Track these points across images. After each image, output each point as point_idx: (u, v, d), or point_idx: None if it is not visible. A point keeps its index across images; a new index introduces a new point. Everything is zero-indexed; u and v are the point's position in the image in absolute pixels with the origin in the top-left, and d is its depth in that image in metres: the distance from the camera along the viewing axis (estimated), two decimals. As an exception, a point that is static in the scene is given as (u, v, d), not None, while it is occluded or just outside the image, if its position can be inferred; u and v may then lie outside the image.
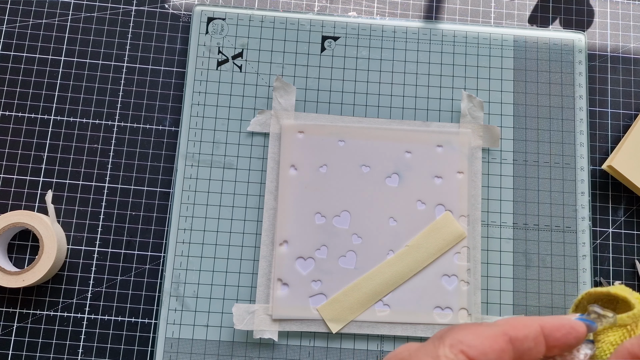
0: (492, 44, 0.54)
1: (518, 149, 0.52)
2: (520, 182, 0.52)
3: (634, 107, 0.54)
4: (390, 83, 0.53)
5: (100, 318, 0.49)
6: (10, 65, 0.53)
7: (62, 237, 0.49)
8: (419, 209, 0.50)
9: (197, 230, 0.50)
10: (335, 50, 0.53)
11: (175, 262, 0.49)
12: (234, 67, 0.53)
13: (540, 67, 0.54)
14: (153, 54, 0.53)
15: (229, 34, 0.53)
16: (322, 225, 0.50)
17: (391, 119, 0.52)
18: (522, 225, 0.51)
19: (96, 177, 0.51)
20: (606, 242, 0.52)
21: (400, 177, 0.51)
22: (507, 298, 0.49)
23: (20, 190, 0.51)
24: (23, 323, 0.49)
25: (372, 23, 0.54)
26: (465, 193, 0.50)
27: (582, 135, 0.53)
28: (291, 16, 0.54)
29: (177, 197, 0.50)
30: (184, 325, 0.48)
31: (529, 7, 0.56)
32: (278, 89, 0.52)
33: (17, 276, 0.47)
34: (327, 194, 0.50)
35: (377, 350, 0.48)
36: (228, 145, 0.51)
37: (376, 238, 0.49)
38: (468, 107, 0.52)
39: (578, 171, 0.52)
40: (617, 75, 0.55)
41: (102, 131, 0.52)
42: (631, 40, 0.56)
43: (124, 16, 0.54)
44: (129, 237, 0.50)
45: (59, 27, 0.54)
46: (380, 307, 0.48)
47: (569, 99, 0.53)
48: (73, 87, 0.53)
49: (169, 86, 0.53)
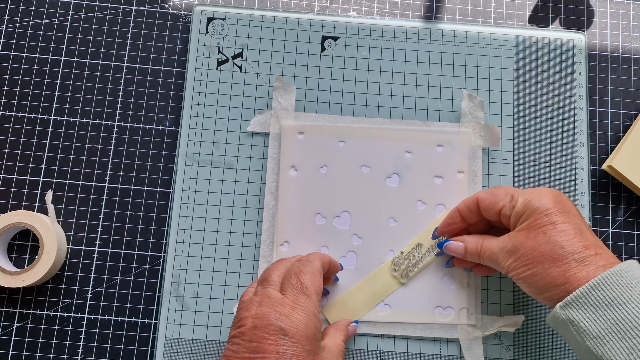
0: (492, 44, 0.54)
1: (518, 149, 0.52)
2: (520, 182, 0.52)
3: (634, 107, 0.55)
4: (390, 83, 0.53)
5: (100, 318, 0.49)
6: (10, 65, 0.53)
7: (62, 237, 0.49)
8: (420, 209, 0.50)
9: (197, 230, 0.50)
10: (335, 50, 0.53)
11: (175, 262, 0.49)
12: (234, 67, 0.53)
13: (540, 67, 0.54)
14: (153, 54, 0.53)
15: (229, 34, 0.53)
16: (323, 226, 0.50)
17: (391, 119, 0.52)
18: (522, 225, 0.51)
19: (96, 177, 0.51)
20: (606, 242, 0.52)
21: (401, 177, 0.51)
22: (507, 298, 0.49)
23: (20, 190, 0.51)
24: (23, 323, 0.49)
25: (372, 23, 0.54)
26: (466, 193, 0.50)
27: (582, 135, 0.53)
28: (291, 16, 0.54)
29: (177, 197, 0.50)
30: (184, 325, 0.48)
31: (529, 7, 0.56)
32: (278, 89, 0.52)
33: (17, 276, 0.47)
34: (327, 195, 0.50)
35: (377, 350, 0.48)
36: (228, 145, 0.51)
37: (376, 238, 0.49)
38: (469, 107, 0.52)
39: (578, 171, 0.52)
40: (617, 75, 0.55)
41: (102, 131, 0.52)
42: (631, 40, 0.56)
43: (124, 16, 0.54)
44: (129, 237, 0.50)
45: (59, 27, 0.53)
46: (380, 307, 0.48)
47: (569, 99, 0.53)
48: (73, 87, 0.53)
49: (169, 86, 0.53)
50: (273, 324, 0.38)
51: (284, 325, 0.38)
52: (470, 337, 0.48)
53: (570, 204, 0.43)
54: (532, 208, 0.42)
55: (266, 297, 0.40)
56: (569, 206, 0.42)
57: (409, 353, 0.48)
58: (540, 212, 0.41)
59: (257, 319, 0.39)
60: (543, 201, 0.42)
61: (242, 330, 0.39)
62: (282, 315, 0.39)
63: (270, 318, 0.39)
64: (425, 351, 0.48)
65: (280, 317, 0.39)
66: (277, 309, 0.39)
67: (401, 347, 0.48)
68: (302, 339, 0.38)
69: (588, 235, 0.41)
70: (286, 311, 0.39)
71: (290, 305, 0.40)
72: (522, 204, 0.42)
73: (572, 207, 0.42)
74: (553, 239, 0.40)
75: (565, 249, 0.40)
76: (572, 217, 0.41)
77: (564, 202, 0.42)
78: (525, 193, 0.43)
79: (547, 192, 0.43)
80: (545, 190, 0.43)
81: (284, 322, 0.38)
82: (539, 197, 0.42)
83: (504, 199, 0.43)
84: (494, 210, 0.44)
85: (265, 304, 0.39)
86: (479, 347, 0.48)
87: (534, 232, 0.41)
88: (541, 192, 0.43)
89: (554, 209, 0.41)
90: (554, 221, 0.41)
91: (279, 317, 0.39)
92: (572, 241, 0.40)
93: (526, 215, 0.42)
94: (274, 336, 0.38)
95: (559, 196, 0.43)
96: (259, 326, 0.38)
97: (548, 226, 0.41)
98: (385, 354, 0.48)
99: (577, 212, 0.42)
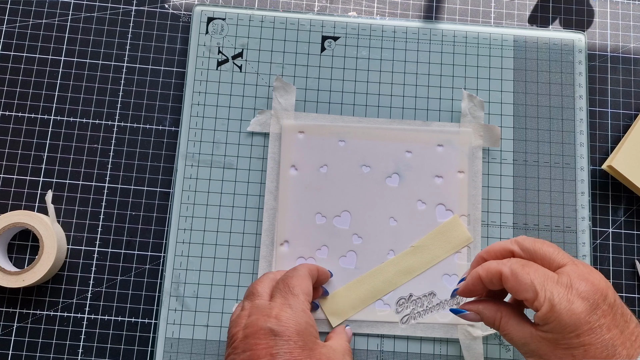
0: (492, 44, 0.54)
1: (518, 149, 0.52)
2: (520, 182, 0.52)
3: (634, 107, 0.55)
4: (390, 83, 0.53)
5: (100, 318, 0.49)
6: (10, 65, 0.53)
7: (62, 237, 0.49)
8: (420, 208, 0.50)
9: (197, 230, 0.50)
10: (335, 50, 0.53)
11: (175, 262, 0.49)
12: (234, 67, 0.53)
13: (540, 67, 0.54)
14: (153, 54, 0.53)
15: (229, 34, 0.53)
16: (323, 226, 0.50)
17: (391, 118, 0.52)
18: (522, 225, 0.51)
19: (96, 177, 0.51)
20: (606, 242, 0.52)
21: (401, 177, 0.51)
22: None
23: (20, 190, 0.51)
24: (23, 323, 0.49)
25: (372, 23, 0.54)
26: (466, 193, 0.50)
27: (582, 135, 0.53)
28: (291, 16, 0.54)
29: (177, 197, 0.50)
30: (184, 325, 0.48)
31: (529, 7, 0.56)
32: (278, 89, 0.52)
33: (17, 276, 0.47)
34: (327, 194, 0.50)
35: (377, 350, 0.48)
36: (228, 145, 0.51)
37: (376, 238, 0.49)
38: (469, 107, 0.52)
39: (578, 171, 0.52)
40: (617, 75, 0.55)
41: (102, 131, 0.52)
42: (631, 40, 0.56)
43: (124, 16, 0.54)
44: (129, 237, 0.50)
45: (59, 27, 0.53)
46: (380, 306, 0.48)
47: (569, 99, 0.53)
48: (73, 87, 0.53)
49: (169, 86, 0.53)
50: (262, 328, 0.38)
51: (273, 326, 0.38)
52: (470, 337, 0.48)
53: (611, 304, 0.35)
54: (561, 324, 0.35)
55: (254, 308, 0.40)
56: (606, 312, 0.35)
57: (409, 353, 0.48)
58: (569, 332, 0.35)
59: (246, 328, 0.39)
60: (575, 314, 0.35)
61: (234, 345, 0.39)
62: (271, 318, 0.38)
63: (259, 323, 0.38)
64: (425, 351, 0.48)
65: (268, 320, 0.38)
66: (265, 313, 0.39)
67: (401, 347, 0.48)
68: (294, 335, 0.38)
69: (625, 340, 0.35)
70: (275, 312, 0.39)
71: (278, 306, 0.39)
72: (547, 310, 0.35)
73: (608, 313, 0.35)
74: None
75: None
76: (606, 329, 0.35)
77: (598, 307, 0.35)
78: (555, 290, 0.35)
79: (583, 294, 0.35)
80: (583, 287, 0.35)
81: (273, 323, 0.38)
82: (570, 304, 0.35)
83: (526, 293, 0.36)
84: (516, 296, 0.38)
85: (253, 314, 0.39)
86: (479, 347, 0.48)
87: (561, 352, 0.35)
88: (574, 293, 0.35)
89: (586, 327, 0.35)
90: (585, 344, 0.35)
91: (268, 320, 0.38)
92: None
93: (552, 327, 0.35)
94: (265, 339, 0.37)
95: (597, 298, 0.35)
96: (250, 334, 0.38)
97: (578, 349, 0.35)
98: (385, 354, 0.48)
99: (618, 312, 0.36)
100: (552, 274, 0.37)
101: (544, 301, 0.35)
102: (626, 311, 0.37)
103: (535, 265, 0.38)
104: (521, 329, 0.38)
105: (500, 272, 0.38)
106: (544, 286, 0.36)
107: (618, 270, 0.51)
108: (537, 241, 0.39)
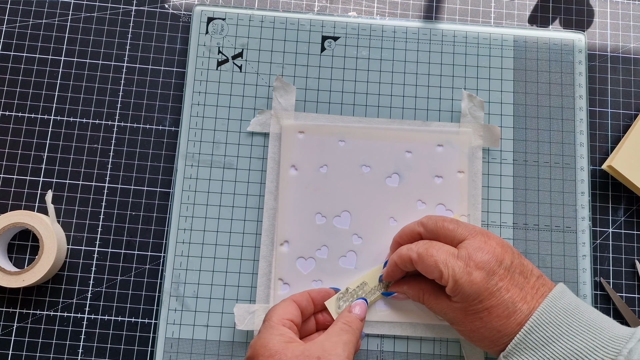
0: (492, 44, 0.54)
1: (518, 149, 0.52)
2: (520, 182, 0.52)
3: (634, 107, 0.55)
4: (390, 83, 0.53)
5: (100, 318, 0.49)
6: (10, 65, 0.53)
7: (62, 237, 0.49)
8: (420, 208, 0.50)
9: (197, 230, 0.50)
10: (335, 50, 0.53)
11: (175, 262, 0.49)
12: (234, 67, 0.53)
13: (540, 67, 0.54)
14: (153, 54, 0.53)
15: (229, 34, 0.53)
16: (323, 226, 0.50)
17: (391, 118, 0.52)
18: (522, 225, 0.51)
19: (96, 177, 0.51)
20: (606, 242, 0.52)
21: (401, 177, 0.51)
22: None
23: (20, 190, 0.51)
24: (23, 323, 0.49)
25: (372, 23, 0.54)
26: (466, 193, 0.50)
27: (582, 135, 0.53)
28: (291, 16, 0.54)
29: (177, 197, 0.50)
30: (184, 325, 0.48)
31: (529, 7, 0.56)
32: (278, 89, 0.52)
33: (17, 276, 0.47)
34: (327, 194, 0.50)
35: (377, 350, 0.48)
36: (228, 145, 0.51)
37: (377, 238, 0.49)
38: (469, 107, 0.52)
39: (578, 171, 0.52)
40: (617, 75, 0.55)
41: (102, 131, 0.52)
42: (631, 40, 0.56)
43: (124, 16, 0.54)
44: (129, 237, 0.50)
45: (59, 27, 0.54)
46: (380, 306, 0.48)
47: (569, 99, 0.53)
48: (73, 87, 0.53)
49: (169, 86, 0.53)
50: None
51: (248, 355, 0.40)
52: (470, 337, 0.48)
53: (507, 267, 0.40)
54: (465, 294, 0.40)
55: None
56: (502, 276, 0.40)
57: (409, 353, 0.48)
58: (473, 300, 0.40)
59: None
60: (475, 284, 0.39)
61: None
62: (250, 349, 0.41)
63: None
64: (425, 351, 0.48)
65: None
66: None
67: (401, 347, 0.48)
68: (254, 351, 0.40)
69: (525, 295, 0.40)
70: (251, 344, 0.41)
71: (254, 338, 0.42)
72: (452, 285, 0.40)
73: (505, 276, 0.40)
74: (489, 324, 0.40)
75: (502, 332, 0.40)
76: (504, 290, 0.40)
77: (495, 273, 0.40)
78: (456, 266, 0.40)
79: (479, 264, 0.40)
80: (479, 257, 0.40)
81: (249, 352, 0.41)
82: (469, 275, 0.40)
83: (432, 273, 0.41)
84: (427, 276, 0.43)
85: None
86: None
87: (470, 317, 0.41)
88: (472, 265, 0.40)
89: (486, 293, 0.39)
90: (488, 307, 0.40)
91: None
92: (509, 322, 0.39)
93: (459, 298, 0.41)
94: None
95: (493, 265, 0.40)
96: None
97: (483, 312, 0.40)
98: (385, 354, 0.48)
99: (516, 272, 0.40)
100: (453, 249, 0.41)
101: (448, 277, 0.40)
102: (525, 269, 0.41)
103: (439, 244, 0.42)
104: (440, 302, 0.43)
105: (409, 257, 0.43)
106: (446, 264, 0.40)
107: (618, 270, 0.51)
108: (439, 219, 0.43)
